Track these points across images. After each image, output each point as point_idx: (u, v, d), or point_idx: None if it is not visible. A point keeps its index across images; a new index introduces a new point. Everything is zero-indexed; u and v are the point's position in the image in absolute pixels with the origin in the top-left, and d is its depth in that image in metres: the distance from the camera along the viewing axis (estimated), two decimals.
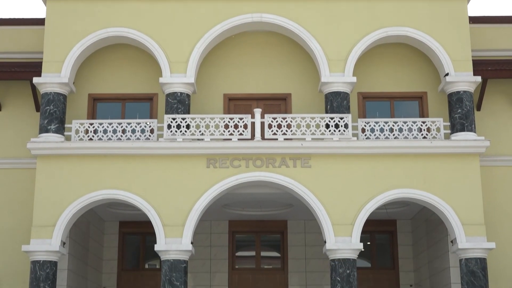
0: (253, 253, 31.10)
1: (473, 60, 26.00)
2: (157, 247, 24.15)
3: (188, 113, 25.44)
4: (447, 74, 25.41)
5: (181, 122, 24.76)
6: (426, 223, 28.38)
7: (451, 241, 24.63)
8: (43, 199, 24.25)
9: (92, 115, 26.94)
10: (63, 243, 24.33)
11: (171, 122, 24.72)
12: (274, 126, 24.89)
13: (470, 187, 24.37)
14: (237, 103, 27.31)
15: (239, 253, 31.18)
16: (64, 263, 25.21)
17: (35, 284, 23.64)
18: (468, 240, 23.90)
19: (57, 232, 23.94)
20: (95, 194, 24.39)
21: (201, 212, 24.35)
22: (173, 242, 24.02)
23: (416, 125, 25.17)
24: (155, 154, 24.57)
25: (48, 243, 23.83)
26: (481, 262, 23.93)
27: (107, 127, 25.13)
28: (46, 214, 24.11)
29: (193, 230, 24.24)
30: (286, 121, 24.88)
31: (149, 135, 25.26)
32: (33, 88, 26.33)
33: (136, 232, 30.42)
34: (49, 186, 24.34)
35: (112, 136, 25.02)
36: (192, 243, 24.24)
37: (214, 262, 30.31)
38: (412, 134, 25.03)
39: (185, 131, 24.67)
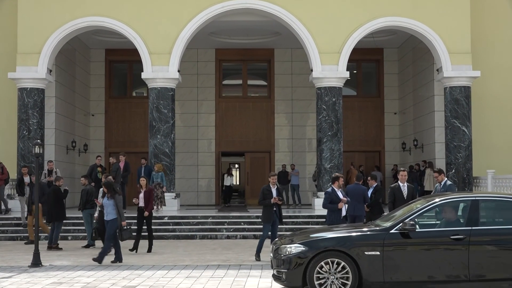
0: (240, 82, 31.30)
1: None
2: (144, 75, 24.18)
3: None
4: None
5: None
6: (413, 51, 28.40)
7: (437, 70, 24.76)
8: (27, 26, 23.87)
9: None
10: (50, 71, 24.28)
11: None
12: None
13: (459, 15, 24.13)
14: None
15: (226, 81, 31.37)
16: (51, 91, 25.30)
17: (23, 111, 23.81)
18: (453, 69, 24.02)
19: (42, 60, 23.79)
20: (80, 21, 24.01)
21: (187, 39, 24.15)
22: (160, 70, 24.02)
23: None
24: None
25: (35, 71, 23.76)
26: (465, 90, 24.21)
27: None
28: (31, 41, 23.84)
29: (179, 58, 24.16)
30: None
31: None
32: None
33: (122, 60, 30.36)
34: (32, 12, 23.87)
35: None
36: (179, 71, 24.25)
37: (201, 90, 30.57)
38: None
39: None
